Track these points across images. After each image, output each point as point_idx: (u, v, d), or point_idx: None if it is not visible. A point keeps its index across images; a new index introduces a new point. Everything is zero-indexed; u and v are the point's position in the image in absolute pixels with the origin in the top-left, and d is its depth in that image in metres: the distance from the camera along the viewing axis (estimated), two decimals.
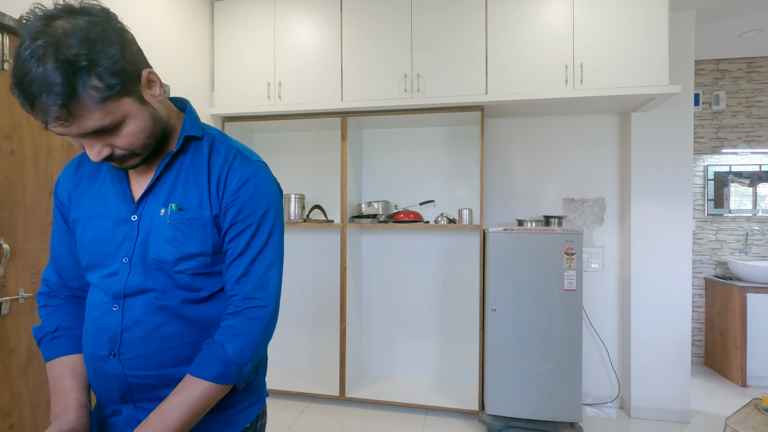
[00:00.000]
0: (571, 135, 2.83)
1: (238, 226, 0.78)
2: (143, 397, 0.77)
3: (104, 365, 0.76)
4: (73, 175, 0.86)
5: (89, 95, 0.62)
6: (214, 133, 0.85)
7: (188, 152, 0.81)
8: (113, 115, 0.66)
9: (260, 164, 0.82)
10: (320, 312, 3.16)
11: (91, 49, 0.61)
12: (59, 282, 0.87)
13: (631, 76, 2.29)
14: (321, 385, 2.87)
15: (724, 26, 2.91)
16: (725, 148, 3.56)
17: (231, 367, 0.73)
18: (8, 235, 1.55)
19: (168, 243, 0.75)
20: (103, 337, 0.76)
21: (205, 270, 0.78)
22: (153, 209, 0.77)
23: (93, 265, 0.79)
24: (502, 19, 2.43)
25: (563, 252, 2.34)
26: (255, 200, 0.79)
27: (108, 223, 0.78)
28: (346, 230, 2.73)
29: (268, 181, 0.82)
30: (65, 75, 0.59)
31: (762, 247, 3.51)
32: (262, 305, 0.78)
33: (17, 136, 1.59)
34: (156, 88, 0.73)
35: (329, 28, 2.65)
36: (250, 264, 0.78)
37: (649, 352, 2.64)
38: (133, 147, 0.71)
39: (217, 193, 0.78)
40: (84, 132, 0.65)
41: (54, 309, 0.86)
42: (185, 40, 2.56)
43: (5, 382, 1.54)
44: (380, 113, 2.66)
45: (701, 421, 2.60)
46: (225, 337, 0.75)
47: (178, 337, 0.77)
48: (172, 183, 0.79)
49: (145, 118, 0.71)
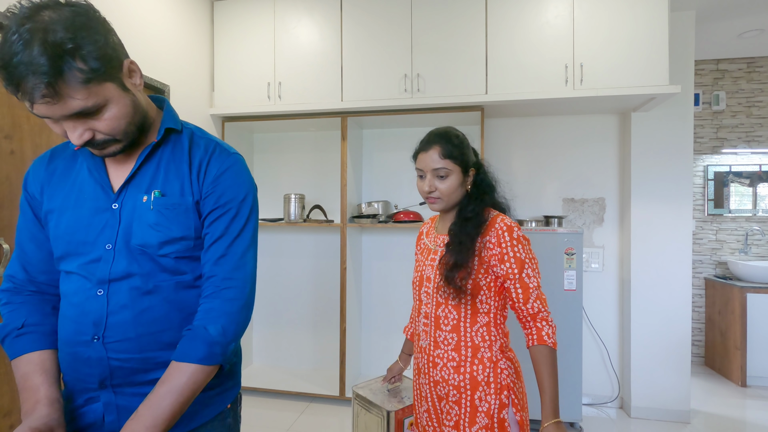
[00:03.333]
0: (571, 135, 2.83)
1: (217, 211, 0.82)
2: (124, 381, 0.78)
3: (86, 350, 0.77)
4: (45, 169, 0.86)
5: (74, 75, 0.65)
6: (192, 128, 0.89)
7: (168, 144, 0.84)
8: (96, 97, 0.69)
9: (238, 156, 0.88)
10: (320, 312, 3.16)
11: (76, 34, 0.64)
12: (25, 277, 0.86)
13: (631, 76, 2.29)
14: (321, 385, 2.87)
15: (724, 26, 2.91)
16: (725, 148, 3.56)
17: (216, 347, 0.76)
18: (8, 235, 1.55)
19: (152, 228, 0.78)
20: (85, 322, 0.77)
21: (188, 254, 0.81)
22: (135, 197, 0.80)
23: (69, 254, 0.80)
24: (502, 19, 2.43)
25: (563, 252, 2.34)
26: (235, 187, 0.83)
27: (85, 213, 0.80)
28: (346, 230, 2.73)
29: (246, 172, 0.87)
30: (51, 57, 0.62)
31: (762, 247, 3.50)
32: (240, 286, 0.81)
33: (17, 136, 1.59)
34: (137, 78, 0.77)
35: (329, 28, 2.65)
36: (228, 246, 0.81)
37: (649, 352, 2.64)
38: (114, 132, 0.74)
39: (198, 180, 0.82)
40: (68, 113, 0.67)
41: (18, 306, 0.85)
42: (185, 40, 2.56)
43: (5, 382, 1.54)
44: (380, 113, 2.66)
45: (701, 421, 2.60)
46: (206, 319, 0.77)
47: (163, 321, 0.79)
48: (154, 172, 0.82)
49: (126, 104, 0.74)
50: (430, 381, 1.18)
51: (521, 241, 1.10)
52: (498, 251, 1.10)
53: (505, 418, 1.08)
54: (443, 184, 1.15)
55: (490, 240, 1.11)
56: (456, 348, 1.13)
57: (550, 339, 1.07)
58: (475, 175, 1.20)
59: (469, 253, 1.10)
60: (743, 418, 2.65)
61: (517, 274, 1.09)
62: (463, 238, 1.12)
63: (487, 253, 1.11)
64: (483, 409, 1.09)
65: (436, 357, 1.16)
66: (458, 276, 1.10)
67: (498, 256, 1.10)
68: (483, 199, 1.17)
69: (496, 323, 1.14)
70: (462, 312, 1.13)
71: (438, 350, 1.16)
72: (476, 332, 1.12)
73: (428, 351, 1.18)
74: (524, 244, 1.11)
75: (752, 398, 2.93)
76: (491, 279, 1.12)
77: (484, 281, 1.12)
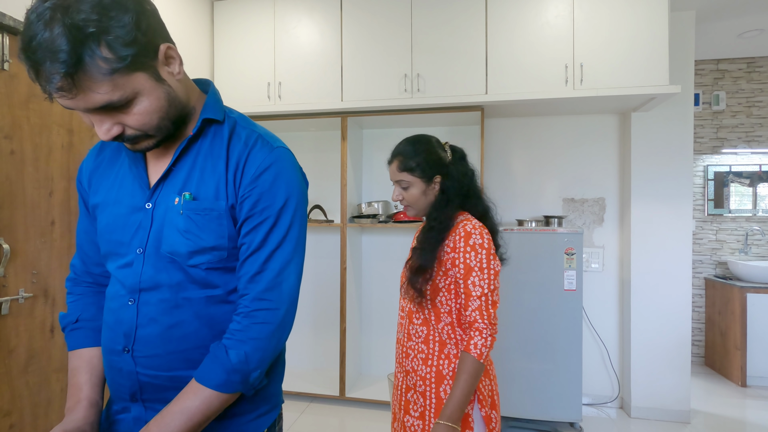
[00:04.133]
0: (571, 135, 2.83)
1: (254, 219, 0.72)
2: (154, 397, 0.74)
3: (118, 360, 0.74)
4: (94, 159, 0.82)
5: (96, 66, 0.56)
6: (236, 117, 0.79)
7: (207, 136, 0.75)
8: (123, 90, 0.60)
9: (283, 150, 0.75)
10: (320, 312, 3.16)
11: (102, 15, 0.55)
12: (83, 268, 0.86)
13: (631, 76, 2.29)
14: (321, 385, 2.87)
15: (724, 26, 2.91)
16: (725, 148, 3.56)
17: (235, 375, 0.68)
18: (8, 235, 1.55)
19: (181, 234, 0.70)
20: (118, 331, 0.73)
21: (221, 265, 0.73)
22: (168, 197, 0.72)
23: (110, 253, 0.76)
24: (502, 19, 2.43)
25: (563, 252, 2.34)
26: (273, 191, 0.72)
27: (123, 210, 0.74)
28: (346, 230, 2.73)
29: (290, 170, 0.75)
30: (72, 41, 0.54)
31: (762, 247, 3.50)
32: (273, 308, 0.71)
33: (17, 136, 1.59)
34: (175, 66, 0.68)
35: (329, 28, 2.65)
36: (265, 261, 0.72)
37: (649, 352, 2.64)
38: (145, 127, 0.66)
39: (234, 180, 0.72)
40: (91, 107, 0.60)
41: (78, 298, 0.85)
42: (185, 40, 2.56)
43: (5, 382, 1.54)
44: (380, 113, 2.66)
45: (701, 421, 2.60)
46: (230, 341, 0.70)
47: (193, 338, 0.72)
48: (189, 169, 0.73)
49: (160, 97, 0.65)
50: (402, 371, 1.23)
51: (475, 248, 1.12)
52: (452, 256, 1.14)
53: (470, 413, 1.10)
54: (407, 193, 1.23)
55: (449, 244, 1.15)
56: (425, 341, 1.18)
57: (476, 350, 1.06)
58: (442, 181, 1.22)
59: (429, 259, 1.15)
60: (743, 418, 2.65)
61: (462, 279, 1.12)
62: (425, 244, 1.17)
63: (445, 257, 1.15)
64: None
65: (409, 348, 1.22)
66: (420, 280, 1.16)
67: (451, 261, 1.14)
68: (448, 206, 1.20)
69: (459, 323, 1.16)
70: (426, 311, 1.18)
71: (410, 342, 1.21)
72: (442, 330, 1.17)
73: (403, 342, 1.24)
74: (477, 252, 1.11)
75: (752, 398, 2.93)
76: (450, 281, 1.16)
77: (443, 283, 1.16)
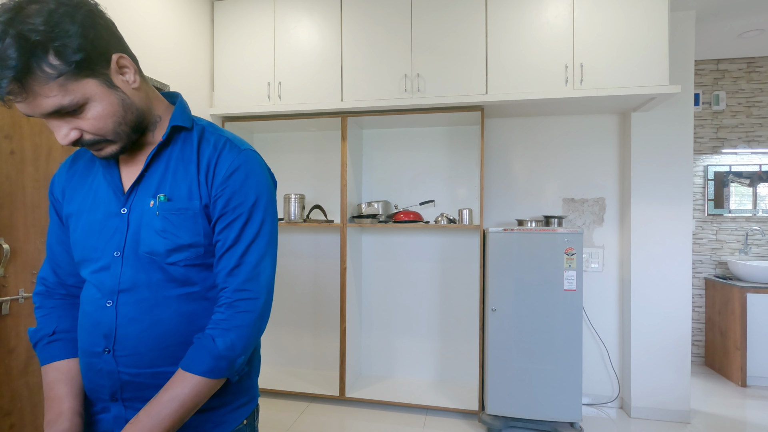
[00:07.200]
0: (571, 135, 2.83)
1: (227, 216, 0.77)
2: (134, 396, 0.77)
3: (98, 361, 0.76)
4: (67, 171, 0.86)
5: (44, 71, 0.61)
6: (204, 124, 0.84)
7: (177, 143, 0.80)
8: (73, 94, 0.65)
9: (250, 152, 0.81)
10: (320, 312, 3.16)
11: (51, 26, 0.61)
12: (56, 280, 0.87)
13: (631, 76, 2.29)
14: (321, 385, 2.87)
15: (724, 26, 2.91)
16: (725, 148, 3.56)
17: (222, 361, 0.73)
18: (8, 235, 1.56)
19: (158, 234, 0.75)
20: (97, 334, 0.76)
21: (198, 261, 0.78)
22: (143, 201, 0.77)
23: (84, 259, 0.79)
24: (502, 20, 2.43)
25: (563, 252, 2.34)
26: (245, 190, 0.78)
27: (99, 216, 0.78)
28: (346, 230, 2.73)
29: (258, 170, 0.81)
30: (20, 49, 0.59)
31: (762, 247, 3.50)
32: (253, 297, 0.77)
33: (17, 136, 1.59)
34: (129, 75, 0.72)
35: (329, 28, 2.65)
36: (241, 256, 0.77)
37: (649, 352, 2.64)
38: (101, 132, 0.70)
39: (206, 182, 0.78)
40: (45, 111, 0.64)
41: (50, 311, 0.85)
42: (185, 40, 2.56)
43: (5, 382, 1.54)
44: (380, 113, 2.66)
45: (701, 421, 2.60)
46: (216, 330, 0.74)
47: (173, 335, 0.76)
48: (162, 174, 0.78)
49: (113, 103, 0.70)
50: None
51: None
52: None
53: None
54: None
55: None
56: None
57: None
58: None
59: None
60: (743, 418, 2.65)
61: None
62: None
63: None
64: None
65: None
66: None
67: None
68: None
69: None
70: None
71: None
72: None
73: None
74: None
75: (752, 398, 2.93)
76: None
77: None
